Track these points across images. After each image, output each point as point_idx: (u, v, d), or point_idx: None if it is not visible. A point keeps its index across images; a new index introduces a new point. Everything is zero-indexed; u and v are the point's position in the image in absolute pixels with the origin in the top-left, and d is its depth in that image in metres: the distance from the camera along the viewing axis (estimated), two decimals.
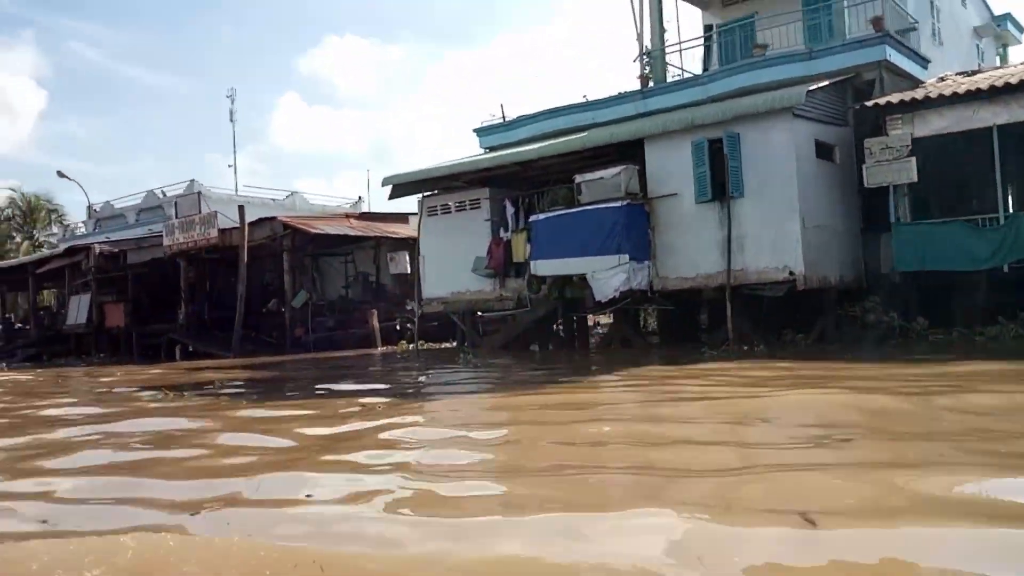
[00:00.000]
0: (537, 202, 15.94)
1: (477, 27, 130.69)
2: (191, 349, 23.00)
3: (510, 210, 16.47)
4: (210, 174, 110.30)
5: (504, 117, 18.97)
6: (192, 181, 32.64)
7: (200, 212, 23.21)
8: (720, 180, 13.16)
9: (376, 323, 22.89)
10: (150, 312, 27.58)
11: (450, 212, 17.72)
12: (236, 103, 51.08)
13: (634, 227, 13.54)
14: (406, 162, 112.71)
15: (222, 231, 22.68)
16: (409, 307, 24.74)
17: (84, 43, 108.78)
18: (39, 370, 20.62)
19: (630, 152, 14.43)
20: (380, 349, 22.04)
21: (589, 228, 13.54)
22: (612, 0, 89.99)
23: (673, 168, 13.82)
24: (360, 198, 39.83)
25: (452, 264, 17.47)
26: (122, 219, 35.43)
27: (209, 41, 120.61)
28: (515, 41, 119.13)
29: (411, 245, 25.06)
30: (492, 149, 19.06)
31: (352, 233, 23.28)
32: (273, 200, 35.58)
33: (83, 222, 39.05)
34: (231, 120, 43.47)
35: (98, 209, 38.79)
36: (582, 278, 13.96)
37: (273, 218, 22.05)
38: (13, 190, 58.02)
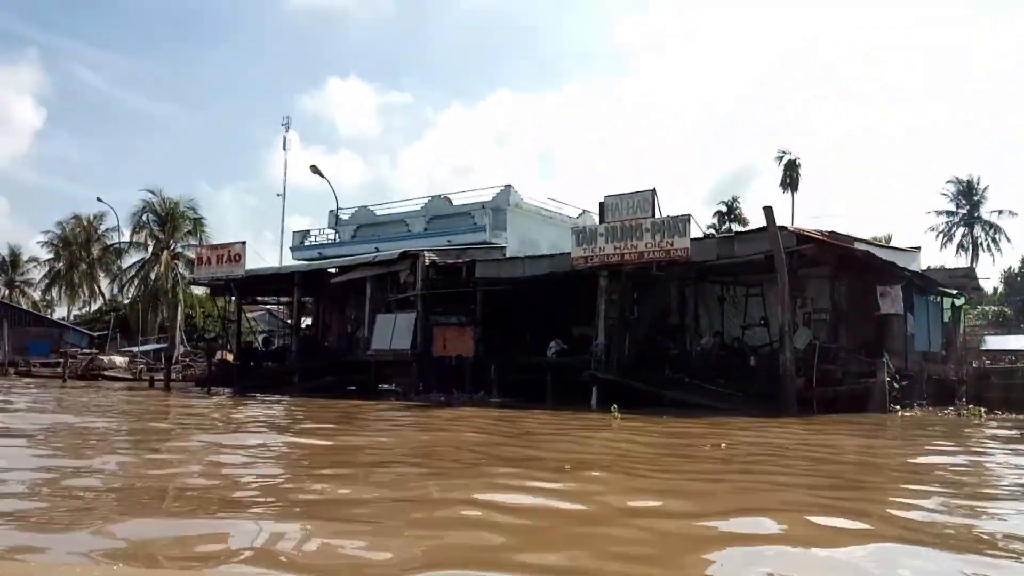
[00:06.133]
0: None
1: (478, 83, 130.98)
2: (634, 391, 17.26)
3: None
4: (205, 206, 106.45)
5: None
6: (508, 187, 27.38)
7: (653, 216, 17.72)
8: None
9: (885, 377, 17.03)
10: (505, 340, 22.13)
11: None
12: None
13: None
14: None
15: (695, 240, 17.19)
16: (884, 358, 18.94)
17: (85, 66, 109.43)
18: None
19: None
20: (891, 415, 16.20)
21: None
22: None
23: None
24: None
25: None
26: (401, 226, 30.20)
27: (209, 74, 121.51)
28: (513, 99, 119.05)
29: (907, 277, 19.34)
30: None
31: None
32: (570, 217, 30.28)
33: (333, 230, 34.00)
34: (284, 149, 43.55)
35: (346, 218, 33.85)
36: None
37: (783, 228, 16.42)
38: (153, 192, 54.73)
